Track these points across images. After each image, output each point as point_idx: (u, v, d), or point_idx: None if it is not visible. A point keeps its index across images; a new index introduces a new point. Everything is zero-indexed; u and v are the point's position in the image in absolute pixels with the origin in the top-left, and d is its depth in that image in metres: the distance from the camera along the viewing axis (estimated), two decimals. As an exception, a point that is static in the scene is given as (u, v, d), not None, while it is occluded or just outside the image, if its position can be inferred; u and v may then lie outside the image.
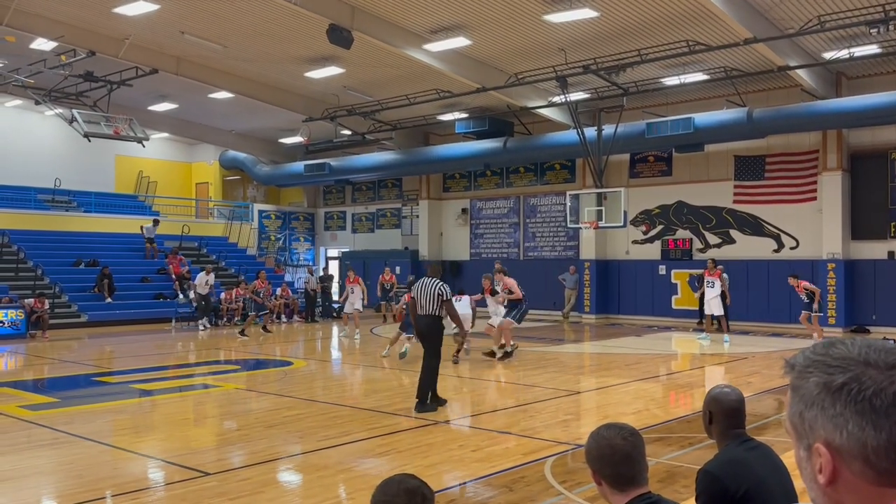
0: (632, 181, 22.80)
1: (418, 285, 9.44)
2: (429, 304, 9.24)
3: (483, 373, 12.85)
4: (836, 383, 0.99)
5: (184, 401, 10.80)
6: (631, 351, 16.11)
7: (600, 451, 2.39)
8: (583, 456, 2.53)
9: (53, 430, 8.17)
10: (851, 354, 1.01)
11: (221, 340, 18.58)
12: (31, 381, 12.88)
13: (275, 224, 31.19)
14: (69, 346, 17.43)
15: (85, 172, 27.60)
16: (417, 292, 9.31)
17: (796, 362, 1.07)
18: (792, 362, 1.08)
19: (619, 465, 2.36)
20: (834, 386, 0.99)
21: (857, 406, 0.97)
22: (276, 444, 7.60)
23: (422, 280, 9.54)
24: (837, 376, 1.00)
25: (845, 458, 0.98)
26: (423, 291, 9.30)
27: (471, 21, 16.62)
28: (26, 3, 17.26)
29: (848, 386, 0.98)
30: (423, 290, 9.30)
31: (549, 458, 6.89)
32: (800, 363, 1.06)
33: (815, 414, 1.01)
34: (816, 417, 1.01)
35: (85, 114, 19.91)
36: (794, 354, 1.10)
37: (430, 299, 9.23)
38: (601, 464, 2.38)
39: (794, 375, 1.06)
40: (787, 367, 1.09)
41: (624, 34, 16.67)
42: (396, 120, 23.45)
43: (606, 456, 2.37)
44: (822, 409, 1.00)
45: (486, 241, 26.70)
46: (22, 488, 6.21)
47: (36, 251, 22.92)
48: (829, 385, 1.00)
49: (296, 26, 17.52)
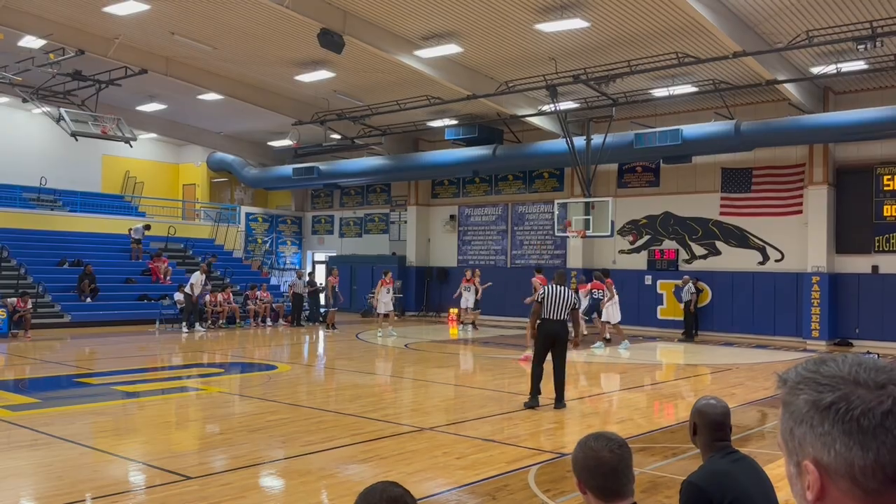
0: (619, 191, 22.89)
1: (550, 292, 9.71)
2: (562, 311, 9.62)
3: (468, 380, 12.84)
4: (824, 402, 0.99)
5: (166, 403, 10.71)
6: (616, 360, 16.14)
7: (587, 462, 2.37)
8: (567, 465, 2.52)
9: (33, 432, 8.07)
10: (841, 373, 1.01)
11: (205, 343, 18.46)
12: (12, 381, 12.74)
13: (262, 227, 31.07)
14: (52, 346, 17.27)
15: (71, 172, 27.39)
16: (549, 299, 9.64)
17: (788, 378, 1.07)
18: (784, 377, 1.08)
19: (605, 478, 2.34)
20: (822, 404, 0.99)
21: (845, 426, 0.97)
22: (259, 448, 7.54)
23: (552, 287, 9.81)
24: (826, 395, 1.00)
25: (833, 477, 0.97)
26: (556, 299, 9.62)
27: (462, 28, 16.66)
28: (15, 1, 17.13)
29: (836, 405, 0.98)
30: (557, 298, 9.63)
31: (533, 466, 6.88)
32: (791, 379, 1.06)
33: (805, 431, 1.00)
34: (805, 435, 1.00)
35: (73, 113, 19.77)
36: (786, 369, 1.10)
37: (564, 307, 9.64)
38: (587, 475, 2.37)
39: (786, 391, 1.06)
40: (779, 382, 1.09)
41: (614, 45, 16.76)
42: (386, 125, 23.44)
43: (592, 468, 2.35)
44: (810, 426, 1.00)
45: (473, 248, 26.71)
46: (1, 490, 6.13)
47: (20, 250, 22.71)
48: (817, 403, 1.00)
49: (287, 29, 17.49)
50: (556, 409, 9.69)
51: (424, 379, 13.38)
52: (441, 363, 15.56)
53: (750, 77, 17.59)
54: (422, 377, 13.62)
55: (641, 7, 14.80)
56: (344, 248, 30.56)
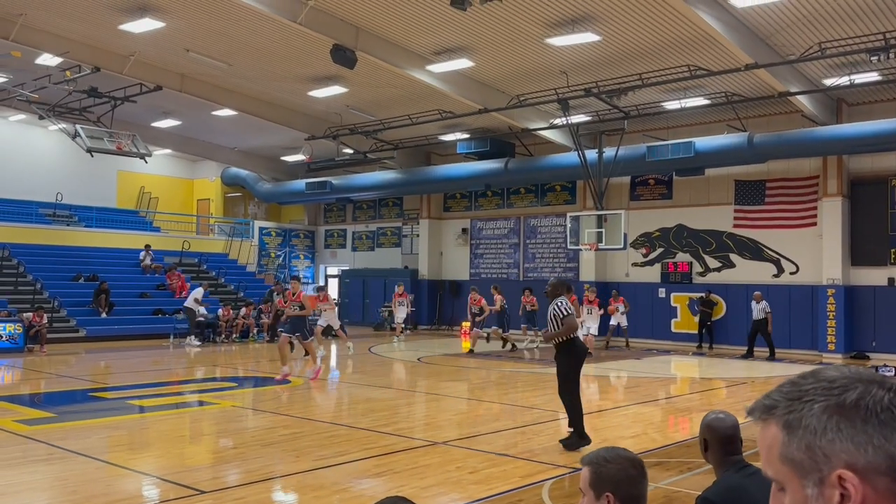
0: (632, 204, 22.85)
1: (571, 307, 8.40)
2: (552, 327, 8.21)
3: (480, 394, 12.80)
4: (849, 401, 0.96)
5: (180, 418, 10.75)
6: (629, 374, 16.06)
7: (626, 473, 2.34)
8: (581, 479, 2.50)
9: (49, 446, 8.12)
10: (845, 375, 0.99)
11: (219, 357, 18.52)
12: (28, 395, 12.82)
13: (275, 241, 31.21)
14: (67, 360, 17.37)
15: (87, 187, 27.67)
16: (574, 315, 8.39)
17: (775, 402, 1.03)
18: (768, 403, 1.04)
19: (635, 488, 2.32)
20: (848, 404, 0.96)
21: (881, 416, 0.94)
22: (272, 462, 7.55)
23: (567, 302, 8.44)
24: (848, 394, 0.97)
25: (870, 478, 0.94)
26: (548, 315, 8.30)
27: (474, 43, 16.75)
28: (33, 19, 17.40)
29: (863, 400, 0.96)
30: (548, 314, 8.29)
31: (547, 481, 6.85)
32: (781, 400, 1.03)
33: (831, 439, 0.96)
34: (833, 442, 0.96)
35: (88, 129, 20.01)
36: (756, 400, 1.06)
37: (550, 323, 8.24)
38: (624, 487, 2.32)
39: (783, 412, 1.02)
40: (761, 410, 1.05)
41: (625, 58, 16.79)
42: (398, 139, 23.55)
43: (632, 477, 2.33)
44: (837, 431, 0.96)
45: (485, 262, 26.70)
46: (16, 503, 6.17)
47: (36, 265, 22.92)
48: (841, 405, 0.97)
49: (300, 46, 17.65)
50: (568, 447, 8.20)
51: (437, 393, 13.36)
52: (453, 377, 15.53)
53: (762, 89, 17.56)
54: (434, 391, 13.60)
55: (653, 20, 14.83)
56: (356, 261, 30.63)
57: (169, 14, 16.39)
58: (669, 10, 14.07)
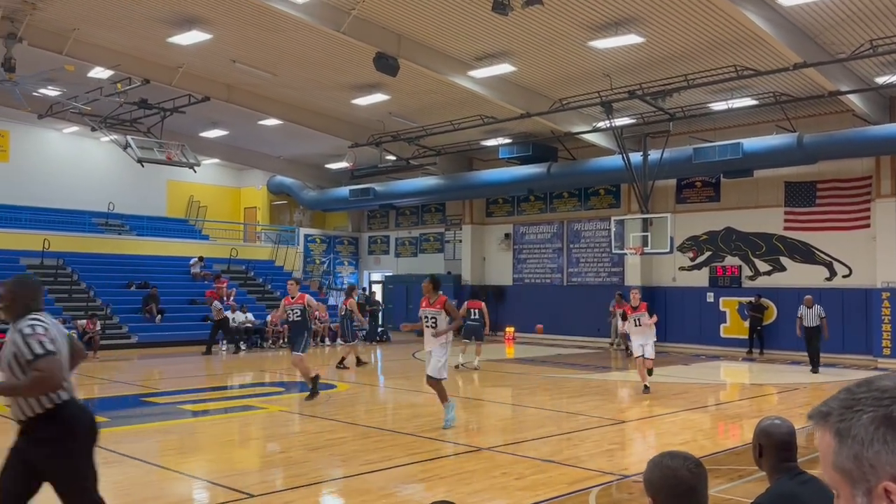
0: (678, 207, 22.52)
1: None
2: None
3: (525, 399, 12.73)
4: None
5: (229, 422, 10.91)
6: (678, 380, 15.81)
7: (665, 481, 2.27)
8: (629, 487, 2.47)
9: (103, 450, 8.28)
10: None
11: (266, 363, 18.77)
12: (83, 400, 13.16)
13: (320, 248, 31.56)
14: (119, 366, 17.80)
15: (138, 197, 28.37)
16: None
17: (830, 409, 1.03)
18: (824, 410, 1.04)
19: (683, 498, 2.25)
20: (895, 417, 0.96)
21: None
22: (319, 467, 7.62)
23: None
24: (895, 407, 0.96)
25: None
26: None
27: (515, 48, 16.73)
28: (85, 34, 17.94)
29: None
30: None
31: (593, 488, 6.78)
32: (836, 408, 1.02)
33: (878, 450, 0.96)
34: (879, 454, 0.96)
35: (139, 140, 20.53)
36: (816, 406, 1.06)
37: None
38: (663, 494, 2.27)
39: (835, 420, 1.02)
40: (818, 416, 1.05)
41: (670, 59, 16.58)
42: (440, 145, 23.62)
43: (671, 486, 2.26)
44: (884, 443, 0.96)
45: (529, 267, 26.58)
46: (72, 506, 6.33)
47: (89, 273, 23.56)
48: (888, 417, 0.96)
49: (343, 55, 17.84)
50: None
51: (481, 398, 13.33)
52: (498, 382, 15.49)
53: (812, 88, 17.16)
54: (478, 396, 13.57)
55: (698, 21, 14.63)
56: (400, 267, 30.78)
57: (216, 26, 16.73)
58: (715, 10, 13.85)
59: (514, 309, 26.15)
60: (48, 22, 17.31)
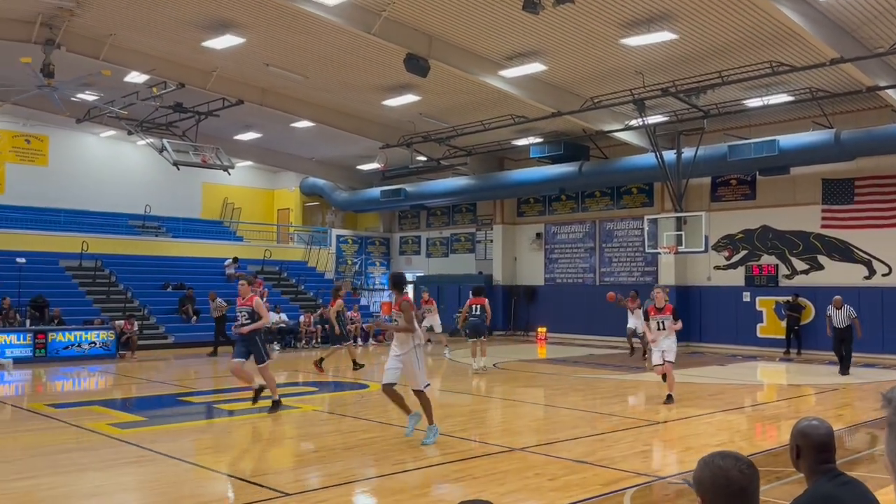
0: (713, 205, 22.24)
1: None
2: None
3: (558, 400, 12.67)
4: None
5: (263, 421, 11.02)
6: (713, 380, 15.61)
7: (715, 481, 2.23)
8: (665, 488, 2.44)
9: (140, 448, 8.46)
10: None
11: (300, 363, 18.93)
12: (120, 399, 13.40)
13: (351, 248, 31.76)
14: (156, 366, 18.09)
15: (174, 199, 28.82)
16: None
17: (893, 397, 1.03)
18: (889, 396, 1.04)
19: (733, 498, 2.20)
20: None
21: None
22: (353, 466, 7.66)
23: None
24: None
25: None
26: None
27: (546, 47, 16.65)
28: (121, 39, 18.27)
29: None
30: None
31: (628, 489, 6.72)
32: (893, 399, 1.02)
33: None
34: None
35: (174, 143, 20.84)
36: (891, 388, 1.05)
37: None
38: (713, 494, 2.23)
39: (892, 411, 1.01)
40: (884, 401, 1.05)
41: (704, 56, 16.38)
42: (471, 145, 23.61)
43: (722, 487, 2.21)
44: None
45: (560, 266, 26.45)
46: None
47: (127, 275, 23.97)
48: None
49: (374, 56, 17.92)
50: None
51: (513, 398, 13.30)
52: (530, 383, 15.43)
53: (849, 84, 16.81)
54: (511, 397, 13.54)
55: (731, 17, 14.43)
56: (431, 267, 30.83)
57: (249, 30, 16.92)
58: (749, 6, 13.65)
59: (545, 309, 26.05)
60: (85, 28, 17.67)
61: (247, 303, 10.77)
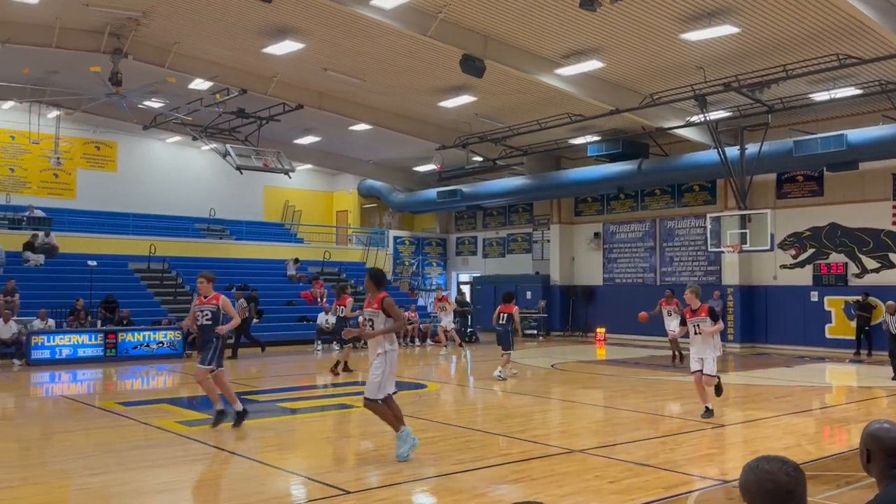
0: (779, 202, 21.64)
1: None
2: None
3: (618, 401, 12.52)
4: None
5: (324, 420, 11.20)
6: (780, 382, 15.19)
7: (761, 486, 2.21)
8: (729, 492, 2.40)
9: (206, 445, 8.69)
10: None
11: (358, 362, 19.15)
12: (187, 398, 13.78)
13: (409, 249, 31.98)
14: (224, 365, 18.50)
15: (237, 203, 29.54)
16: None
17: None
18: None
19: (780, 502, 2.18)
20: None
21: None
22: (412, 465, 7.71)
23: None
24: None
25: None
26: None
27: (604, 44, 16.47)
28: (185, 47, 18.81)
29: None
30: None
31: (692, 493, 6.60)
32: None
33: None
34: None
35: (237, 148, 21.36)
36: None
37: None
38: (760, 499, 2.21)
39: None
40: None
41: (767, 50, 15.95)
42: (527, 145, 23.51)
43: (768, 491, 2.19)
44: None
45: (619, 266, 26.11)
46: (178, 500, 6.65)
47: (193, 277, 24.54)
48: None
49: (430, 58, 18.01)
50: None
51: (572, 400, 13.19)
52: (589, 384, 15.28)
53: (924, 74, 16.15)
54: (569, 398, 13.43)
55: (796, 9, 14.01)
56: (487, 268, 30.82)
57: (308, 35, 17.21)
58: (815, -4, 13.25)
59: (604, 310, 25.76)
60: (151, 37, 18.24)
61: (210, 302, 9.77)
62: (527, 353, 21.08)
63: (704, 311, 10.34)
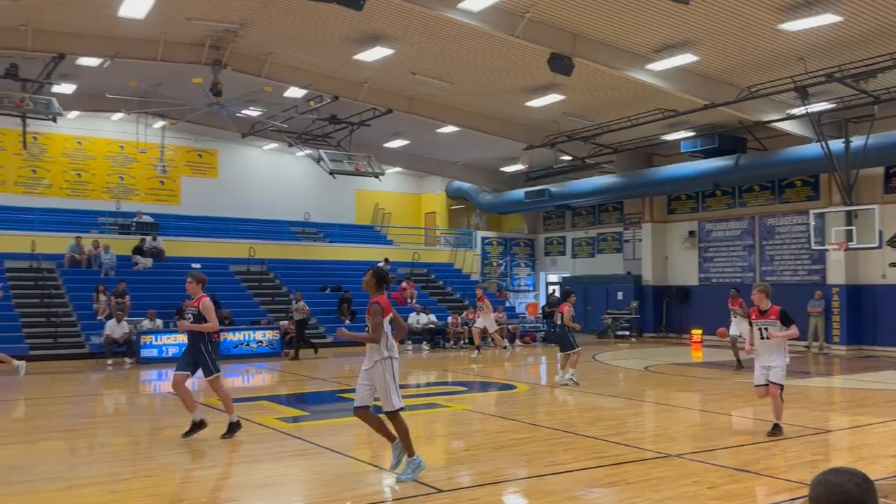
0: (887, 197, 20.49)
1: None
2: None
3: (716, 405, 12.14)
4: None
5: (416, 419, 11.32)
6: (890, 387, 14.37)
7: (830, 499, 2.17)
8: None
9: (304, 441, 8.97)
10: None
11: (448, 363, 19.30)
12: (285, 395, 14.24)
13: (497, 250, 31.98)
14: (317, 364, 19.06)
15: (330, 206, 30.35)
16: None
17: None
18: None
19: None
20: None
21: None
22: (504, 466, 7.73)
23: None
24: None
25: None
26: None
27: (698, 36, 16.01)
28: (280, 57, 19.44)
29: None
30: None
31: (794, 500, 6.34)
32: None
33: None
34: None
35: (330, 153, 21.96)
36: None
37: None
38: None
39: None
40: None
41: (872, 38, 15.12)
42: (617, 142, 23.11)
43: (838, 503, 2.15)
44: None
45: (716, 265, 25.30)
46: (278, 494, 6.89)
47: (289, 278, 25.44)
48: None
49: (518, 58, 17.97)
50: None
51: (667, 403, 12.88)
52: (685, 387, 14.88)
53: None
54: (664, 401, 13.12)
55: (906, -9, 13.24)
56: (577, 268, 30.46)
57: (397, 41, 17.48)
58: (927, -22, 12.49)
59: (700, 310, 25.03)
60: (248, 48, 18.94)
61: (194, 304, 9.56)
62: (619, 355, 20.72)
63: (775, 314, 9.05)
